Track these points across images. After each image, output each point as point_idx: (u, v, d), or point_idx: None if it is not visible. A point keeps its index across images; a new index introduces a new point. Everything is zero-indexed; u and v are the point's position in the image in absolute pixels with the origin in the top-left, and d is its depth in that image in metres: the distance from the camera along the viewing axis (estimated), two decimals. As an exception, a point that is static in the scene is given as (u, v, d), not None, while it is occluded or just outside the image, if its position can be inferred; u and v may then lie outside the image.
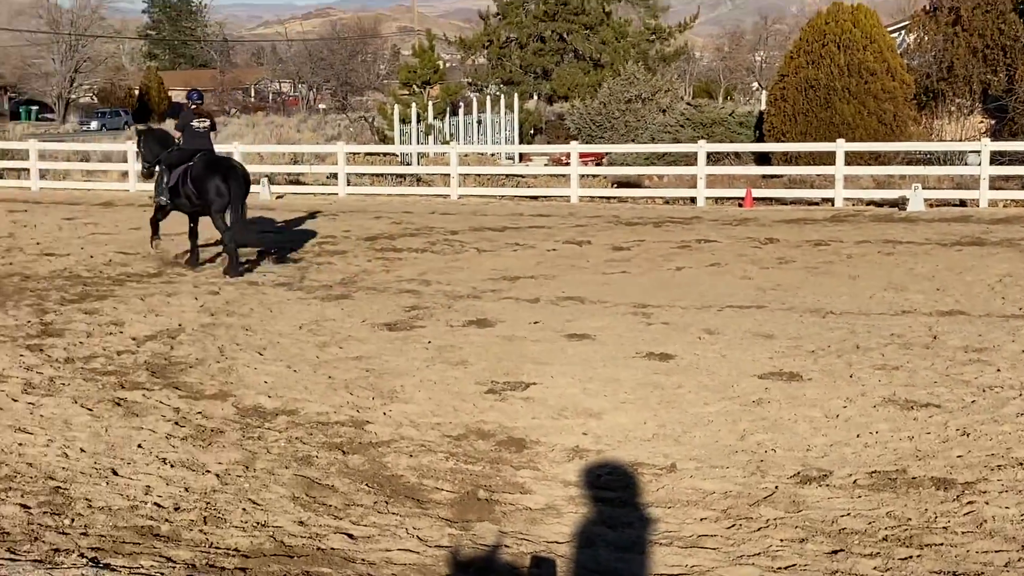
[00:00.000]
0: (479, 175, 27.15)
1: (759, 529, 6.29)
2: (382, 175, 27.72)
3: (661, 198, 25.32)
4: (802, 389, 9.07)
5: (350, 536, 6.16)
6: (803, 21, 51.31)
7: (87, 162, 29.89)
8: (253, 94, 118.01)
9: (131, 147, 24.19)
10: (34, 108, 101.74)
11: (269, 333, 11.34)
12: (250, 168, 26.59)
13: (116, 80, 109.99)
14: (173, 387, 9.23)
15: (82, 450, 7.53)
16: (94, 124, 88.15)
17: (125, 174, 27.63)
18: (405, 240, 18.60)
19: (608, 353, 10.39)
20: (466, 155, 28.16)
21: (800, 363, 9.88)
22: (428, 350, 10.61)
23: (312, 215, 21.90)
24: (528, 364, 10.01)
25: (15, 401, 8.71)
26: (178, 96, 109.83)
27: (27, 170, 27.99)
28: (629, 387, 9.22)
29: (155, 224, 16.31)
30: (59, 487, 6.81)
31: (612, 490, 6.97)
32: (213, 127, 16.31)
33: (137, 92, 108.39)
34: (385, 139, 37.16)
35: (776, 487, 6.92)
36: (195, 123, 15.91)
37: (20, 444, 7.62)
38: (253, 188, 24.32)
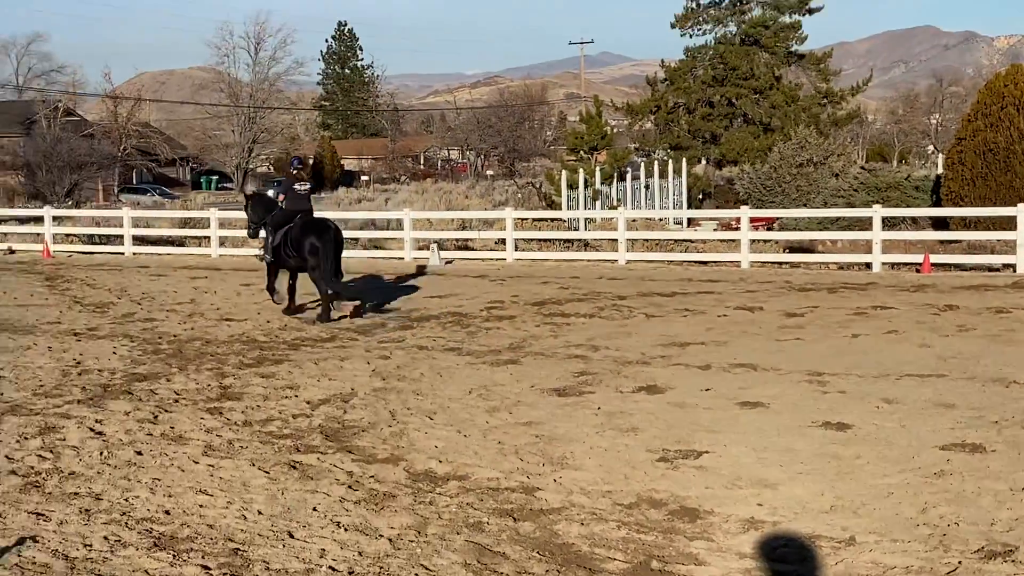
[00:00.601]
0: (647, 240, 27.02)
1: (947, 609, 6.01)
2: (549, 240, 27.82)
3: (835, 263, 24.82)
4: (985, 461, 8.70)
5: (522, 605, 6.09)
6: (980, 83, 50.13)
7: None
8: (422, 161, 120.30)
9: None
10: (214, 178, 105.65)
11: (439, 398, 11.40)
12: (420, 234, 27.17)
13: (291, 149, 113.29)
14: (346, 451, 9.33)
15: (259, 512, 7.65)
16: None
17: (300, 240, 28.35)
18: (573, 305, 18.58)
19: (783, 422, 10.14)
20: (634, 220, 28.09)
21: (983, 434, 9.49)
22: (598, 416, 10.53)
23: (478, 278, 22.08)
24: (700, 432, 9.83)
25: (196, 463, 8.93)
26: (349, 164, 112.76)
27: (208, 238, 28.94)
28: (805, 457, 8.97)
29: (271, 284, 17.94)
30: (238, 549, 6.92)
31: (789, 563, 6.76)
32: (313, 190, 17.72)
33: (311, 161, 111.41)
34: (552, 204, 37.38)
35: (959, 562, 6.62)
36: (297, 186, 17.78)
37: (201, 506, 7.79)
38: (423, 254, 24.79)
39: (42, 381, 12.38)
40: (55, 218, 31.75)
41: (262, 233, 18.21)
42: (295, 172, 18.33)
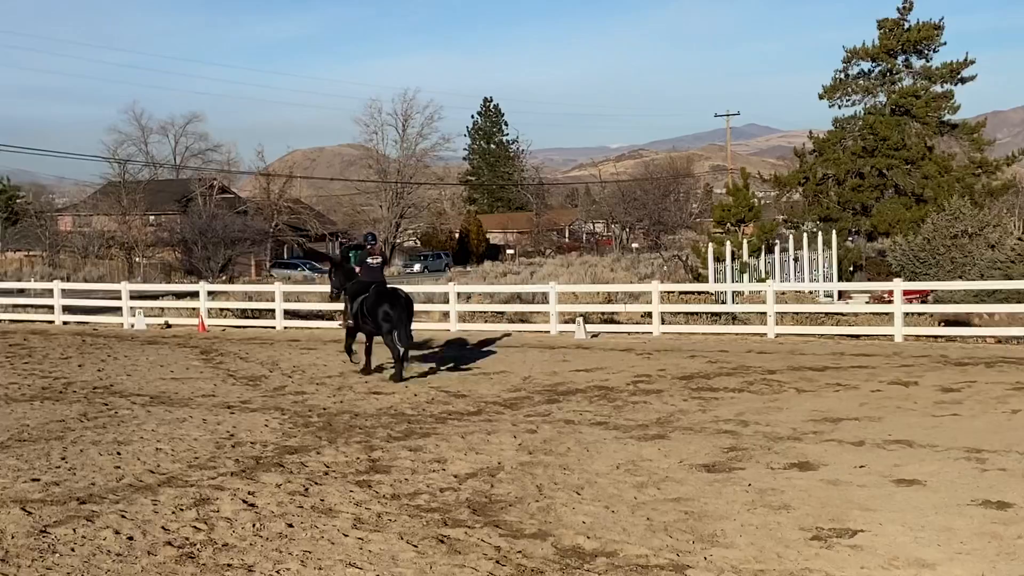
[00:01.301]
0: (797, 313, 26.61)
1: None
2: (696, 313, 27.58)
3: (993, 337, 24.08)
4: None
5: None
6: None
7: (411, 302, 31.05)
8: (567, 234, 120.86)
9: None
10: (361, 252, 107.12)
11: (586, 472, 11.31)
12: (565, 307, 27.19)
13: (438, 224, 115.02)
14: (494, 525, 9.29)
15: (407, 586, 7.64)
16: (417, 266, 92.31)
17: (446, 315, 28.57)
18: (721, 379, 18.33)
19: (940, 500, 9.80)
20: (783, 293, 27.72)
21: None
22: (749, 493, 10.31)
23: (624, 351, 21.97)
24: (854, 510, 9.56)
25: (346, 536, 8.99)
26: (495, 237, 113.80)
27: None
28: (964, 537, 8.64)
29: (349, 346, 20.24)
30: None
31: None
32: (385, 263, 20.33)
33: (457, 235, 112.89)
34: (699, 277, 37.12)
35: None
36: (370, 260, 20.15)
37: (349, 578, 7.80)
38: (568, 327, 24.81)
39: (197, 453, 12.65)
40: (210, 293, 32.62)
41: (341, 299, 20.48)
42: (369, 247, 20.57)
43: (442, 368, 20.31)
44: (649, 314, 26.97)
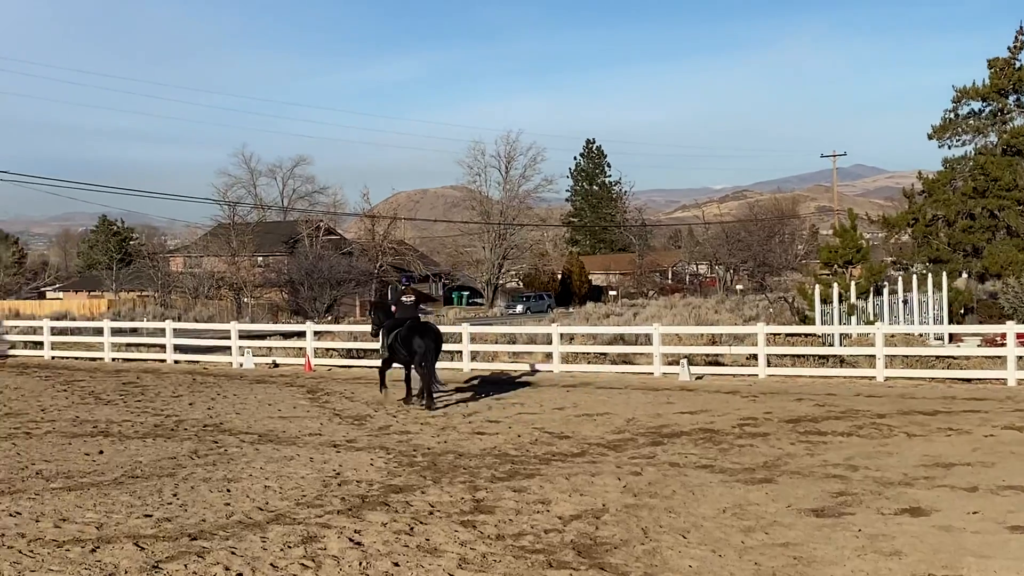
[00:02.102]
0: (907, 356, 26.11)
1: None
2: (803, 356, 27.21)
3: (1110, 381, 23.38)
4: None
5: None
6: None
7: (513, 344, 31.12)
8: (670, 276, 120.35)
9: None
10: (465, 293, 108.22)
11: (692, 516, 11.21)
12: (669, 349, 27.02)
13: (540, 265, 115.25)
14: (599, 567, 9.24)
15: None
16: (519, 307, 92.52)
17: (549, 355, 28.58)
18: (829, 423, 18.05)
19: (1060, 550, 9.54)
20: (892, 336, 27.18)
21: None
22: (859, 538, 10.14)
23: (730, 394, 21.77)
24: (968, 557, 9.35)
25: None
26: (597, 279, 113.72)
27: (460, 352, 29.52)
28: (1087, 589, 8.39)
29: (383, 375, 22.56)
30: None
31: None
32: (418, 301, 22.92)
33: (559, 276, 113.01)
34: (805, 319, 36.63)
35: None
36: (404, 299, 22.68)
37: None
38: (672, 369, 24.68)
39: (304, 491, 12.79)
40: (316, 333, 33.02)
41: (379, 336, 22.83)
42: (402, 288, 23.62)
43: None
44: (755, 356, 26.70)
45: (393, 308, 22.94)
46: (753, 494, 12.30)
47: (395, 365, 22.43)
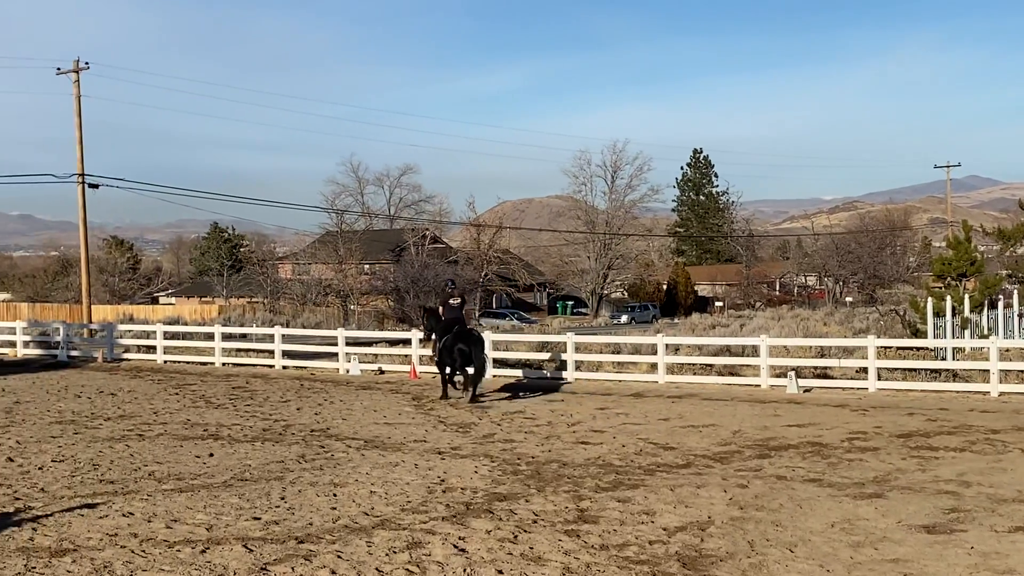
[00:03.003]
0: (1022, 371, 25.48)
1: None
2: (914, 370, 26.68)
3: None
4: None
5: None
6: None
7: (618, 354, 30.97)
8: (778, 287, 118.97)
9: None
10: (570, 303, 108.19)
11: (799, 530, 11.05)
12: (776, 361, 26.70)
13: (645, 275, 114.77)
14: (704, 580, 9.15)
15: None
16: (624, 318, 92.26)
17: (654, 366, 28.39)
18: (942, 438, 17.68)
19: None
20: (1007, 350, 26.53)
21: None
22: (971, 556, 9.91)
23: (840, 407, 21.42)
24: (1088, 580, 9.07)
25: (554, 584, 8.99)
26: (703, 290, 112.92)
27: (564, 361, 29.47)
28: None
29: (443, 380, 24.69)
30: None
31: None
32: (463, 303, 25.21)
33: (665, 286, 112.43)
34: (917, 333, 35.96)
35: None
36: (451, 301, 24.79)
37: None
38: (779, 381, 24.38)
39: (409, 497, 12.87)
40: (421, 340, 33.19)
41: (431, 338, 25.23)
42: (449, 291, 25.52)
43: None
44: (864, 369, 26.25)
45: (440, 310, 25.17)
46: (862, 509, 12.09)
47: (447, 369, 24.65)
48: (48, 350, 38.99)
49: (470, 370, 24.12)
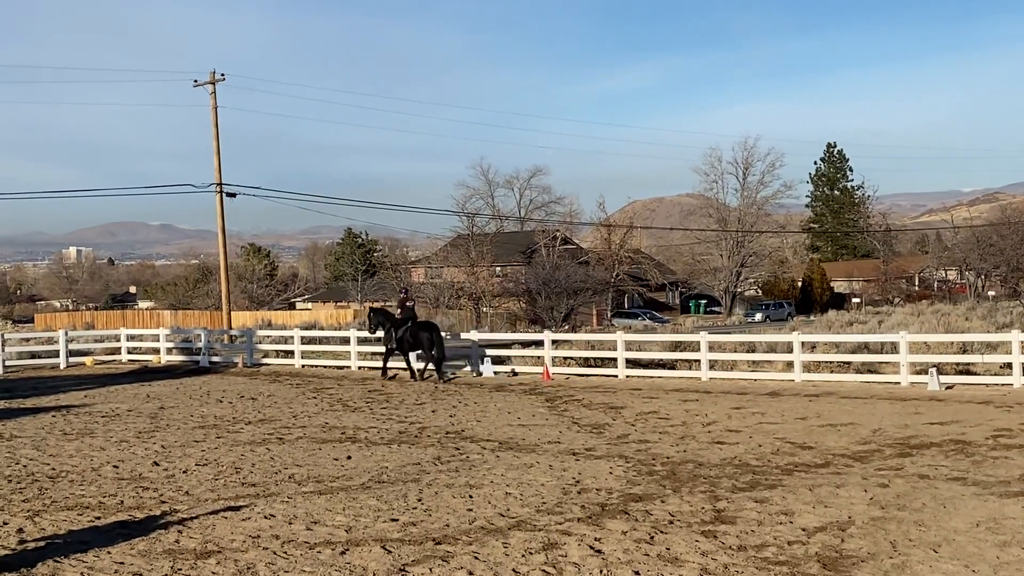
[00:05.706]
0: None
1: None
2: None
3: None
4: None
5: None
6: None
7: (753, 352, 30.60)
8: (917, 282, 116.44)
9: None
10: (702, 302, 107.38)
11: (943, 530, 10.79)
12: (916, 358, 26.12)
13: (779, 273, 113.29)
14: (845, 581, 8.99)
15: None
16: (758, 316, 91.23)
17: (790, 364, 27.99)
18: (1092, 435, 17.11)
19: None
20: None
21: None
22: None
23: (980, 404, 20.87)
24: None
25: (691, 585, 8.92)
26: (839, 286, 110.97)
27: (698, 361, 29.26)
28: None
29: (385, 367, 31.69)
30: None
31: None
32: (414, 305, 33.44)
33: (800, 283, 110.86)
34: (1063, 326, 34.86)
35: None
36: (407, 303, 32.14)
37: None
38: (920, 378, 23.86)
39: (544, 498, 12.90)
40: (553, 342, 33.26)
41: (377, 332, 31.69)
42: (403, 296, 33.15)
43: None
44: (1009, 365, 25.53)
45: (399, 311, 32.06)
46: (1009, 508, 11.76)
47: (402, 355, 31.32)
48: (190, 356, 39.95)
49: (434, 353, 30.14)
